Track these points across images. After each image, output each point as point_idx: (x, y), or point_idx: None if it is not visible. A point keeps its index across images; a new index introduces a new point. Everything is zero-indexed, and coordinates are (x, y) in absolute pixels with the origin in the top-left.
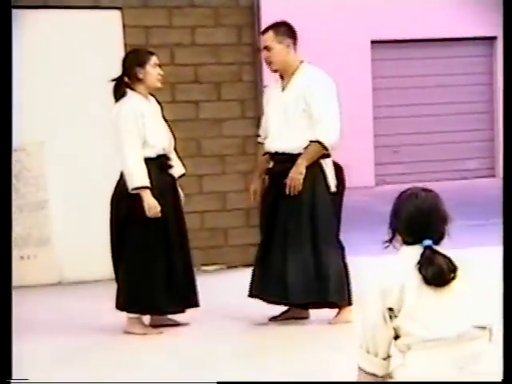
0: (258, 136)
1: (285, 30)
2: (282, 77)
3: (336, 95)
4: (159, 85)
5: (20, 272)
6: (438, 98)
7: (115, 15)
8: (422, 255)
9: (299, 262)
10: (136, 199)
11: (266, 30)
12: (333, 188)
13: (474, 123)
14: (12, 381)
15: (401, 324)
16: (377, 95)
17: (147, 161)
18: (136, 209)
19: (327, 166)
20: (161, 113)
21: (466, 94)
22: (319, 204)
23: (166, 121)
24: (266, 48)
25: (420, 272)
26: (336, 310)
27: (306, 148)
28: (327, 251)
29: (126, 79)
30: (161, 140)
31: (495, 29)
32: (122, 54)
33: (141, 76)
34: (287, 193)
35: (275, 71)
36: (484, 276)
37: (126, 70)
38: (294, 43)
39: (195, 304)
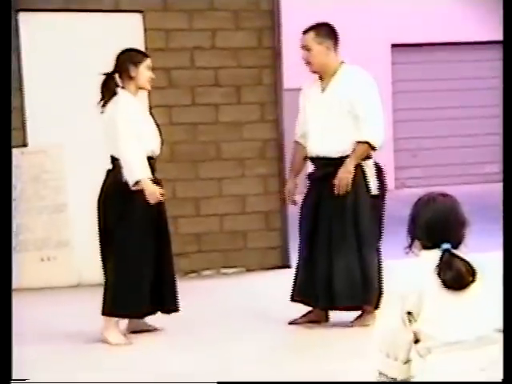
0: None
1: (326, 31)
2: (320, 77)
3: (379, 95)
4: (149, 87)
5: (39, 274)
6: (458, 101)
7: (136, 18)
8: (441, 259)
9: (345, 266)
10: (125, 200)
11: (308, 30)
12: (374, 190)
13: (494, 127)
14: (13, 381)
15: (420, 328)
16: (397, 99)
17: None
18: (126, 210)
19: (368, 167)
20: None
21: (486, 98)
22: (361, 206)
23: (157, 125)
24: (305, 48)
25: (439, 276)
26: (354, 312)
27: (353, 148)
28: (369, 254)
29: (117, 76)
30: (151, 142)
31: None
32: None
33: (133, 74)
34: (336, 193)
35: (314, 72)
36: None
37: (119, 66)
38: (335, 44)
39: (176, 308)
